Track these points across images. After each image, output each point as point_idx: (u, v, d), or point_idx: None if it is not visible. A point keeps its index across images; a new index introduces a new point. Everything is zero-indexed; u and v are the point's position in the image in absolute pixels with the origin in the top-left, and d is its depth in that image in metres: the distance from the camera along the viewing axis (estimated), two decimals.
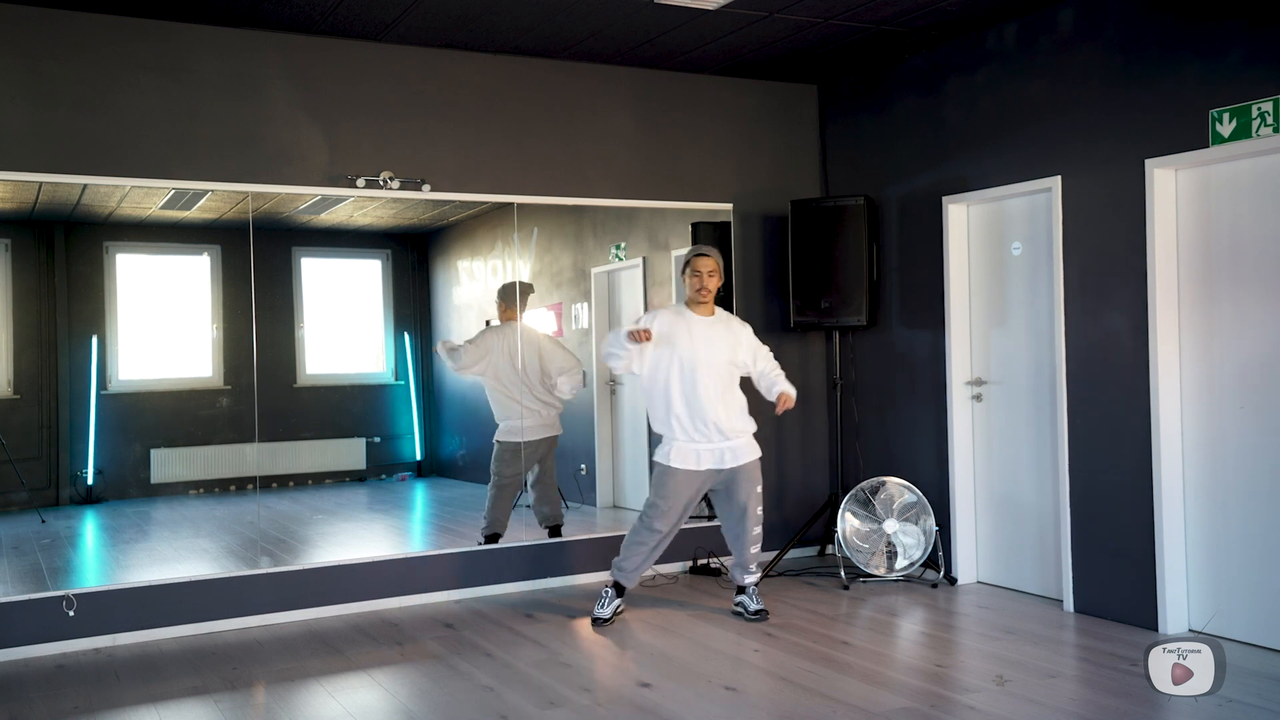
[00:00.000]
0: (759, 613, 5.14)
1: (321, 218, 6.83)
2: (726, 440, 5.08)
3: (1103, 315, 4.98)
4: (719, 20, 5.36)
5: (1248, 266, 4.51)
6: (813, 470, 6.68)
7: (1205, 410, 4.70)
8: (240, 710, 4.02)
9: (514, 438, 6.19)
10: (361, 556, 5.60)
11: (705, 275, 5.12)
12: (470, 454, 7.67)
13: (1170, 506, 4.73)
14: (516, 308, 6.34)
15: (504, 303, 6.43)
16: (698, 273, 5.12)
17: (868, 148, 6.41)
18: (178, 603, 5.09)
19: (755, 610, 5.15)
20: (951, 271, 5.81)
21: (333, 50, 5.49)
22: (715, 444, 5.07)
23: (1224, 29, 4.47)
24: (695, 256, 5.15)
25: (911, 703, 3.90)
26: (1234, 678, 3.92)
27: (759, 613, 5.14)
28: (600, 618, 5.12)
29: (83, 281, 6.90)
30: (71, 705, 4.10)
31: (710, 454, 5.08)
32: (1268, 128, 4.28)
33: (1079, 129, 5.08)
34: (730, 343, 5.16)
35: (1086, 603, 5.08)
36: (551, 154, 6.01)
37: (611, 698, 4.06)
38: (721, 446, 5.08)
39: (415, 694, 4.19)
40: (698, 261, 5.13)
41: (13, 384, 6.63)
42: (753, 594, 5.22)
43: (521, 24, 5.36)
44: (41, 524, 6.55)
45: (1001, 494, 5.69)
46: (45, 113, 4.93)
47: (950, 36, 5.73)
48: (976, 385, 5.79)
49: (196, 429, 7.19)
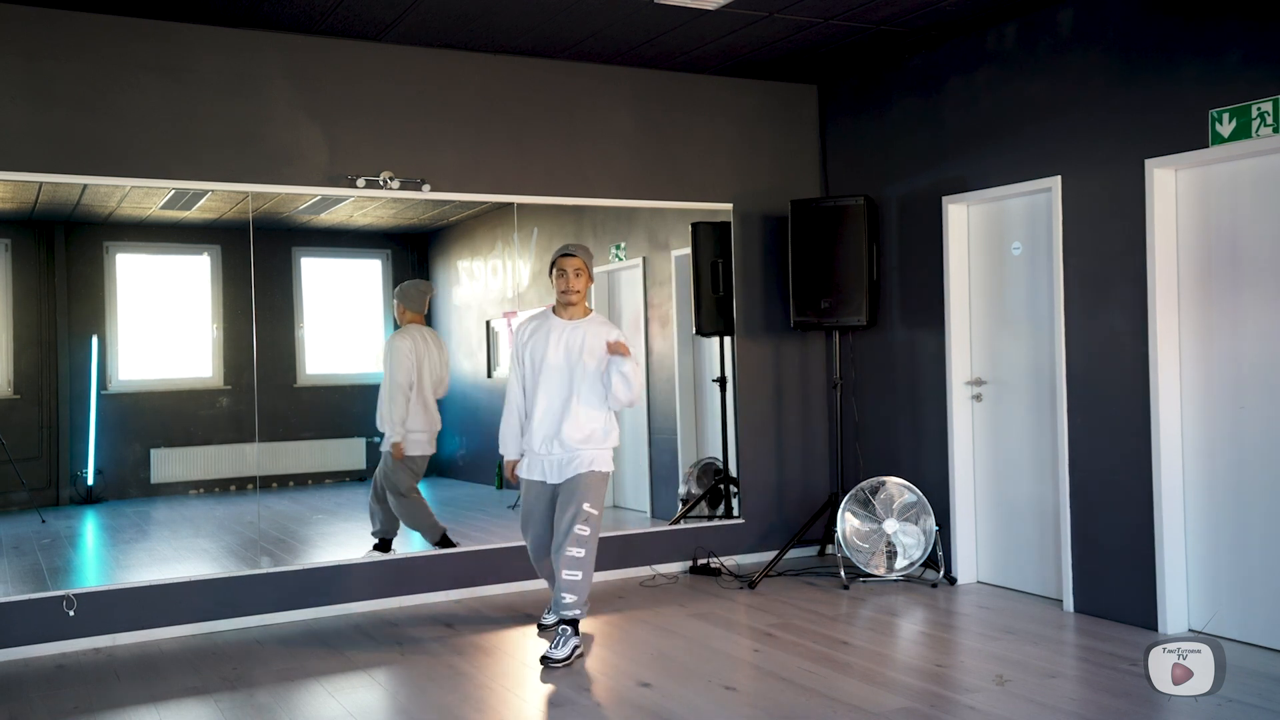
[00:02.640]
0: (556, 660, 4.46)
1: (321, 218, 6.83)
2: (565, 451, 4.71)
3: (1103, 315, 4.98)
4: (719, 20, 5.36)
5: (1248, 266, 4.51)
6: (813, 470, 6.68)
7: (1205, 410, 4.70)
8: (240, 710, 4.02)
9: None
10: (361, 556, 5.60)
11: (571, 275, 4.74)
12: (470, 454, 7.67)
13: (1170, 506, 4.74)
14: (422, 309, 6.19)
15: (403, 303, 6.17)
16: (564, 272, 4.74)
17: (868, 148, 6.41)
18: (178, 603, 5.09)
19: (557, 659, 4.47)
20: (951, 271, 5.81)
21: (333, 50, 5.49)
22: (554, 455, 4.73)
23: (1224, 29, 4.47)
24: (561, 256, 4.76)
25: (911, 703, 3.90)
26: (1234, 678, 3.92)
27: (556, 660, 4.46)
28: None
29: (83, 281, 6.89)
30: (71, 705, 4.10)
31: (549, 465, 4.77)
32: (1268, 128, 4.28)
33: (1079, 129, 5.08)
34: (588, 347, 4.74)
35: (1086, 603, 5.08)
36: (551, 154, 6.01)
37: (611, 698, 4.06)
38: (559, 457, 4.73)
39: (415, 694, 4.19)
40: (564, 261, 4.75)
41: (13, 384, 6.63)
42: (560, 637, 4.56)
43: (521, 24, 5.36)
44: (41, 524, 6.54)
45: (1001, 494, 5.69)
46: (45, 113, 4.93)
47: (950, 36, 5.73)
48: (976, 385, 5.79)
49: (196, 429, 7.19)
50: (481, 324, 7.28)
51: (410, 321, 6.14)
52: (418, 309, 6.14)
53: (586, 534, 4.59)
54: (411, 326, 6.13)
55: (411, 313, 6.14)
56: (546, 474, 4.77)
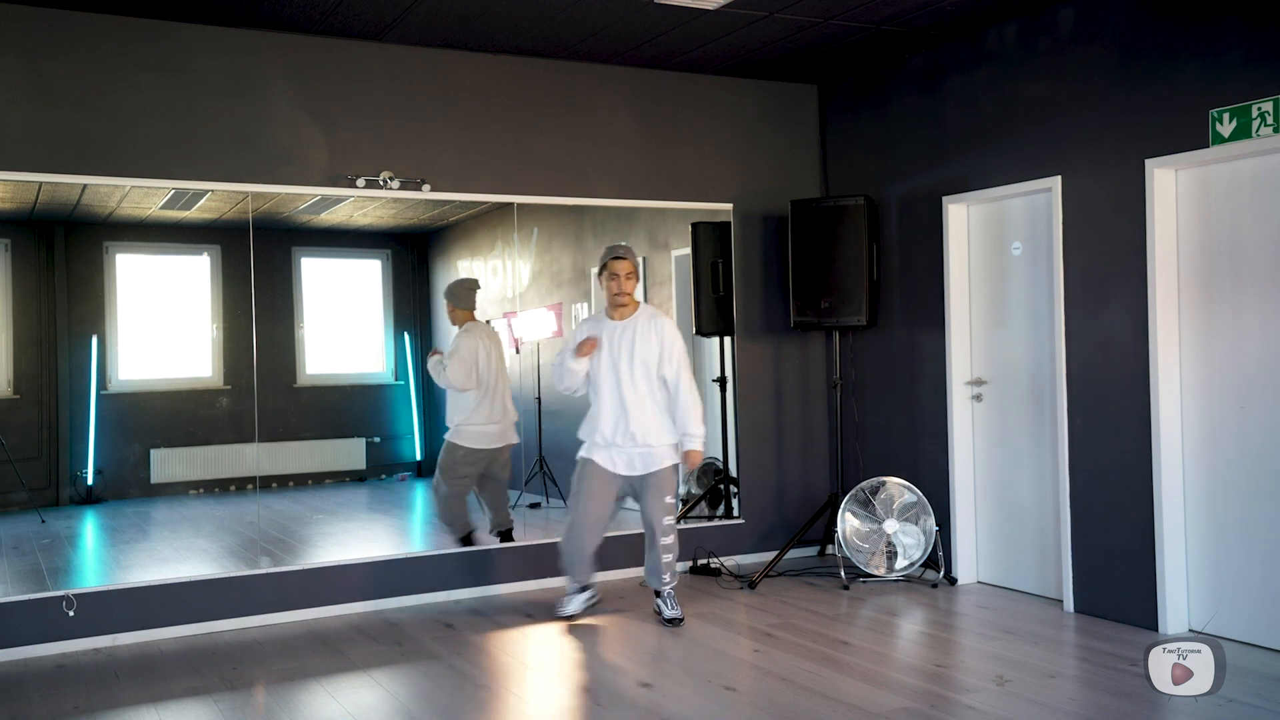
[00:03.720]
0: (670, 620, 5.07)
1: (321, 218, 6.83)
2: (636, 448, 5.02)
3: (1103, 315, 4.98)
4: (719, 20, 5.36)
5: (1248, 266, 4.51)
6: (813, 470, 6.68)
7: (1205, 410, 4.70)
8: (240, 710, 4.02)
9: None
10: (361, 556, 5.60)
11: (623, 278, 5.02)
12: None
13: (1170, 506, 4.74)
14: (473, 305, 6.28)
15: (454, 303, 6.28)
16: (615, 275, 5.02)
17: (868, 148, 6.41)
18: (178, 603, 5.09)
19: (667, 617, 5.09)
20: (951, 271, 5.81)
21: (333, 50, 5.49)
22: (625, 450, 5.02)
23: (1224, 29, 4.47)
24: (612, 259, 5.03)
25: (911, 703, 3.90)
26: (1234, 678, 3.92)
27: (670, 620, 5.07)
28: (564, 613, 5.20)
29: (83, 281, 6.89)
30: (71, 705, 4.10)
31: (620, 458, 5.04)
32: (1268, 128, 4.28)
33: (1079, 129, 5.08)
34: (646, 341, 5.03)
35: (1086, 603, 5.08)
36: (551, 154, 6.00)
37: (611, 698, 4.06)
38: (631, 453, 5.03)
39: (415, 694, 4.19)
40: (615, 264, 5.02)
41: (13, 384, 6.63)
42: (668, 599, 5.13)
43: (521, 24, 5.36)
44: (41, 524, 6.55)
45: (1001, 494, 5.69)
46: (45, 113, 4.93)
47: (950, 36, 5.73)
48: (976, 385, 5.79)
49: (196, 429, 7.19)
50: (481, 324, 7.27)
51: (464, 320, 6.22)
52: (468, 305, 6.23)
53: (671, 522, 5.10)
54: (471, 324, 6.22)
55: (463, 310, 6.22)
56: (615, 464, 5.04)
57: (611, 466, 5.04)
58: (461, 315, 6.21)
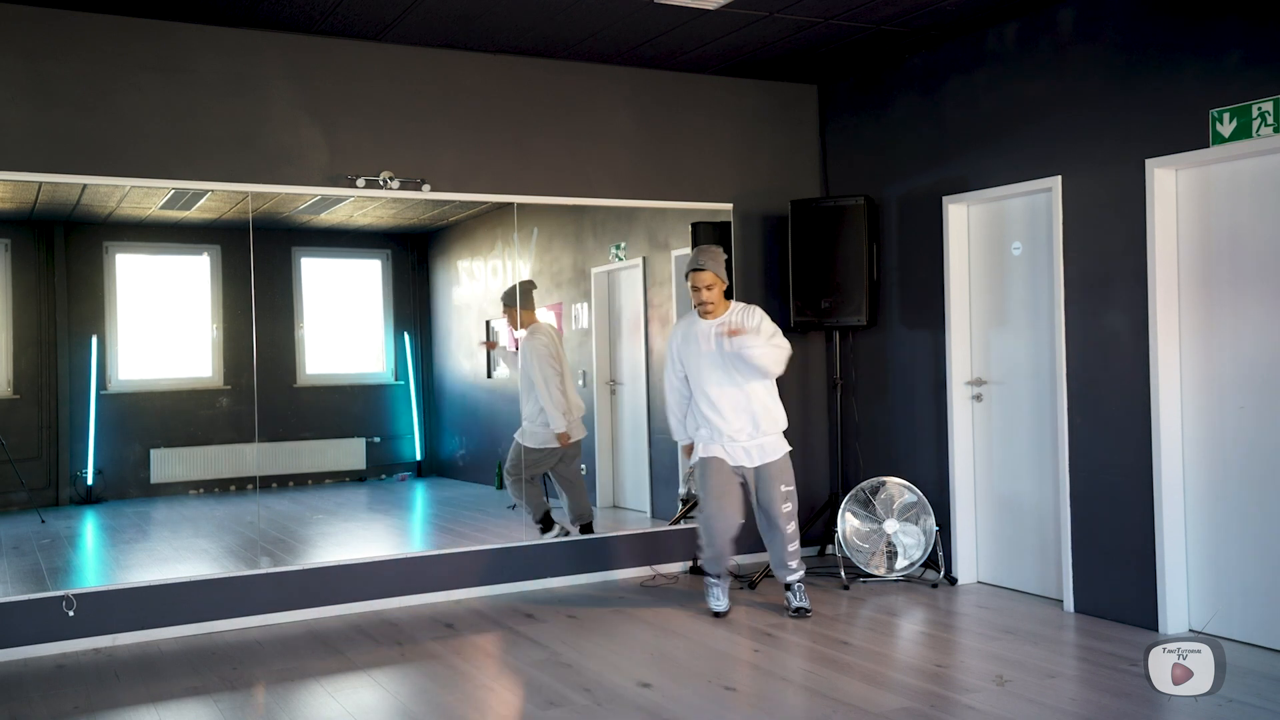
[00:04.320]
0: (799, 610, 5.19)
1: (321, 218, 6.83)
2: (747, 440, 5.14)
3: (1103, 315, 4.98)
4: (719, 20, 5.36)
5: (1248, 266, 4.51)
6: (813, 470, 6.68)
7: (1205, 410, 4.70)
8: (240, 710, 4.02)
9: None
10: (361, 556, 5.60)
11: (704, 290, 5.12)
12: (470, 454, 7.67)
13: (1170, 506, 4.74)
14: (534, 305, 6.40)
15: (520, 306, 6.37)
16: (696, 289, 5.13)
17: (868, 148, 6.41)
18: (178, 603, 5.09)
19: (795, 607, 5.20)
20: (951, 271, 5.81)
21: (333, 50, 5.49)
22: (739, 442, 5.14)
23: (1224, 29, 4.47)
24: (692, 271, 5.13)
25: (911, 703, 3.90)
26: (1234, 678, 3.92)
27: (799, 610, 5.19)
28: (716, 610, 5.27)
29: (82, 281, 6.90)
30: (71, 705, 4.10)
31: (734, 450, 5.15)
32: (1268, 128, 4.28)
33: (1079, 129, 5.08)
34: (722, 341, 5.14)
35: (1086, 603, 5.08)
36: (551, 154, 6.00)
37: (611, 698, 4.06)
38: (744, 445, 5.14)
39: (415, 694, 4.19)
40: (695, 277, 5.11)
41: (13, 384, 6.63)
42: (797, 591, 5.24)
43: (521, 24, 5.36)
44: (41, 524, 6.55)
45: (1001, 494, 5.69)
46: (45, 113, 4.93)
47: (950, 36, 5.73)
48: (976, 385, 5.79)
49: (196, 429, 7.19)
50: (481, 324, 7.28)
51: (529, 322, 6.32)
52: (530, 306, 6.34)
53: (791, 509, 5.19)
54: (537, 325, 6.32)
55: (526, 311, 6.32)
56: (731, 456, 5.13)
57: (732, 459, 5.13)
58: (527, 317, 6.33)
